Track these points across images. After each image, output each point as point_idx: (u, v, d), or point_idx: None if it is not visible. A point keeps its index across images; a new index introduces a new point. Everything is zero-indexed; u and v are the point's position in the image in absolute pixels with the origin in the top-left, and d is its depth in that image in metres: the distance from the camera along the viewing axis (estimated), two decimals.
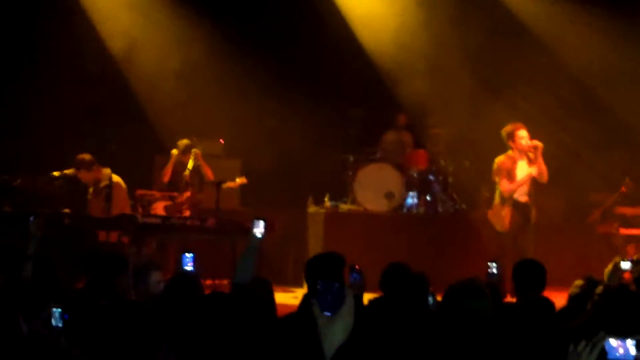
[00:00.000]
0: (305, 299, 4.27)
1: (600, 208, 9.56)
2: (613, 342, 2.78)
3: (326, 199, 9.53)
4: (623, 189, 9.58)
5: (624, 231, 9.34)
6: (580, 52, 9.76)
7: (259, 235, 4.68)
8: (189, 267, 4.74)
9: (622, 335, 2.82)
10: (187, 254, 4.75)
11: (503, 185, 8.09)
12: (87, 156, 8.31)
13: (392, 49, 10.28)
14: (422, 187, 9.55)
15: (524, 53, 10.00)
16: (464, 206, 9.48)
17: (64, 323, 3.41)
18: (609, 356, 2.80)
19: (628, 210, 9.54)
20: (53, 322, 3.42)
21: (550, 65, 9.99)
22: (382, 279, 4.97)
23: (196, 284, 4.41)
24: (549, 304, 4.68)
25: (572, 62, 9.88)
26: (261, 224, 4.78)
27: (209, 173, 8.85)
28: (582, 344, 2.94)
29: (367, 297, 4.61)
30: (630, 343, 2.77)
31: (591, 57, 9.70)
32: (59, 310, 3.42)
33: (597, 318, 3.99)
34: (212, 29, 10.34)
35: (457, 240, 8.96)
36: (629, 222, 9.46)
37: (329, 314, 2.58)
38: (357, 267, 4.77)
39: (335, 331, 2.58)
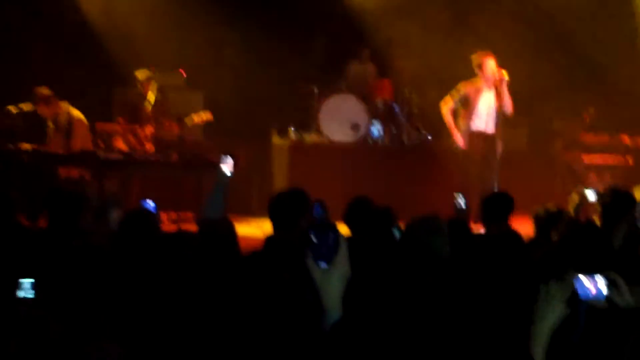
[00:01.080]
0: (270, 240, 4.20)
1: (562, 136, 9.61)
2: (584, 279, 2.74)
3: (290, 130, 9.44)
4: (585, 116, 9.64)
5: (586, 159, 9.42)
6: None
7: (228, 172, 4.63)
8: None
9: (588, 272, 2.80)
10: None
11: (445, 105, 8.13)
12: (45, 90, 8.07)
13: None
14: (386, 118, 9.51)
15: None
16: (429, 136, 9.45)
17: (35, 294, 3.16)
18: (580, 295, 2.77)
19: (590, 138, 9.60)
20: (21, 293, 3.10)
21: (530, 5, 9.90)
22: (346, 214, 4.94)
23: (152, 219, 4.35)
24: (517, 236, 4.70)
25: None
26: (229, 160, 4.72)
27: None
28: (553, 282, 2.93)
29: None
30: (601, 280, 2.73)
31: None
32: (31, 281, 3.13)
33: (563, 251, 4.02)
34: None
35: (423, 171, 8.94)
36: (591, 150, 9.53)
37: (324, 265, 2.51)
38: (320, 201, 4.75)
39: (333, 282, 2.51)
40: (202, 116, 8.68)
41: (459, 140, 8.15)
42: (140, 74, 8.79)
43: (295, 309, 3.19)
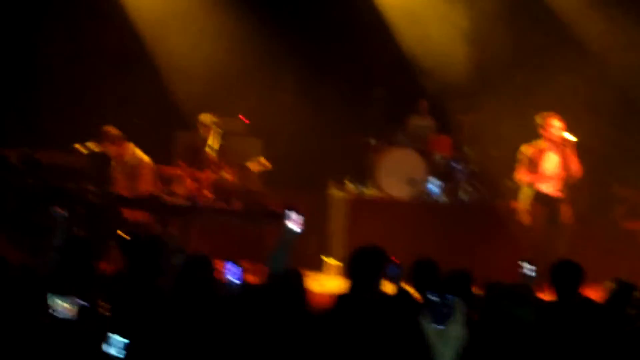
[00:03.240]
0: (345, 297, 4.18)
1: (625, 203, 9.44)
2: None
3: (347, 182, 9.41)
4: None
5: None
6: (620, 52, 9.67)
7: (297, 229, 4.62)
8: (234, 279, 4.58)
9: None
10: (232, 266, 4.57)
11: (519, 174, 8.03)
12: (113, 129, 8.18)
13: (418, 31, 10.16)
14: (445, 175, 9.43)
15: (562, 47, 9.89)
16: (486, 196, 9.35)
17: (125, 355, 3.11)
18: None
19: None
20: (111, 350, 3.07)
21: (590, 62, 9.84)
22: (414, 274, 4.89)
23: (209, 268, 4.34)
24: (592, 303, 4.62)
25: (612, 62, 9.76)
26: (295, 215, 4.70)
27: None
28: None
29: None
30: None
31: (630, 57, 9.59)
32: (125, 341, 3.12)
33: None
34: (233, 4, 10.22)
35: (483, 231, 8.83)
36: None
37: (440, 326, 2.55)
38: (395, 260, 4.71)
39: (449, 343, 2.54)
40: (262, 164, 8.72)
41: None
42: (204, 118, 8.88)
43: None
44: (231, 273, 4.46)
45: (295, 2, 10.60)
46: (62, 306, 3.35)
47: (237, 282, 4.44)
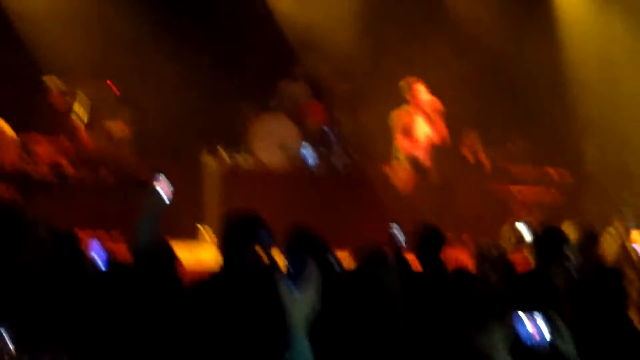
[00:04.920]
0: (227, 265, 4.08)
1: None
2: (525, 319, 2.77)
3: (220, 150, 9.31)
4: (511, 146, 9.83)
5: (514, 190, 9.55)
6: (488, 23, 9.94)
7: (164, 195, 4.48)
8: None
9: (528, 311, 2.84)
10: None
11: (401, 143, 8.16)
12: None
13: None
14: (318, 141, 9.48)
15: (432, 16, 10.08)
16: (360, 161, 9.47)
17: None
18: (523, 337, 2.81)
19: (517, 170, 9.76)
20: None
21: (461, 34, 10.08)
22: (289, 243, 4.89)
23: (77, 243, 4.22)
24: (447, 274, 4.75)
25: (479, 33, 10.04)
26: (164, 180, 4.56)
27: None
28: (494, 323, 2.96)
29: None
30: (541, 320, 2.76)
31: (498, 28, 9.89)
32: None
33: (503, 292, 4.09)
34: None
35: (356, 198, 8.94)
36: (518, 182, 9.67)
37: (296, 290, 2.60)
38: (267, 226, 4.68)
39: (302, 307, 2.59)
40: (120, 128, 8.47)
41: None
42: (64, 83, 8.56)
43: (258, 331, 3.18)
44: (97, 253, 4.32)
45: None
46: None
47: (103, 264, 4.31)
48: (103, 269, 4.22)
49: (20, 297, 3.76)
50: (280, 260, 4.03)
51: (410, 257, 5.16)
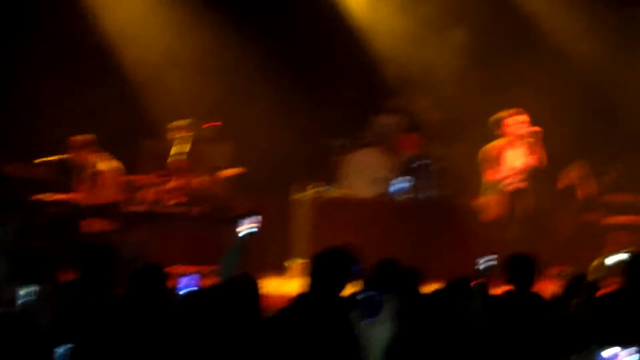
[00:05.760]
0: (304, 297, 4.17)
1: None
2: (606, 354, 2.74)
3: (311, 185, 9.39)
4: (607, 176, 9.58)
5: (609, 220, 9.29)
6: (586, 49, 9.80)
7: (250, 231, 4.63)
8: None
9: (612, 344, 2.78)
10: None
11: (492, 173, 8.11)
12: (79, 138, 8.18)
13: (385, 30, 10.23)
14: (411, 174, 9.46)
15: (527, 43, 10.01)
16: (451, 193, 9.40)
17: None
18: None
19: (613, 198, 9.50)
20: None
21: (553, 60, 9.96)
22: (373, 275, 4.92)
23: (160, 276, 4.37)
24: (539, 299, 4.69)
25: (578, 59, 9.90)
26: (252, 218, 4.71)
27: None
28: (574, 357, 2.93)
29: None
30: (627, 355, 2.72)
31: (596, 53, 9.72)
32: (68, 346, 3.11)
33: (584, 321, 4.00)
34: (200, 11, 10.24)
35: (445, 229, 8.89)
36: (613, 210, 9.42)
37: (369, 321, 2.67)
38: (358, 259, 4.73)
39: (378, 337, 2.64)
40: (234, 170, 8.74)
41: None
42: (174, 126, 8.90)
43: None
44: (184, 285, 4.47)
45: (264, 8, 10.64)
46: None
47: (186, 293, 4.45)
48: (184, 298, 4.36)
49: (106, 325, 3.93)
50: (362, 293, 4.06)
51: (503, 288, 5.11)
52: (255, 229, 4.76)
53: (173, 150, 8.75)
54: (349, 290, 4.62)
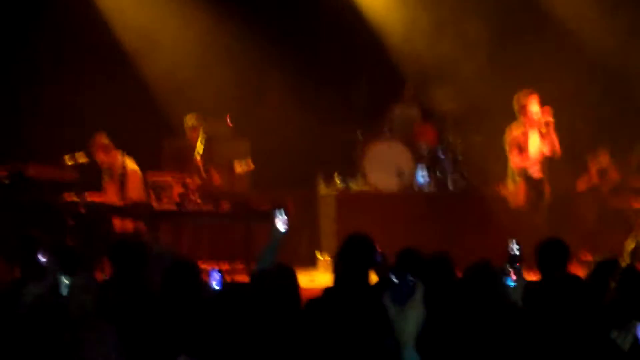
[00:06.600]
0: (335, 286, 4.23)
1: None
2: None
3: (336, 179, 9.46)
4: (633, 159, 9.53)
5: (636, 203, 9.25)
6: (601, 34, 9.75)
7: (282, 229, 4.70)
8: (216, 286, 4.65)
9: None
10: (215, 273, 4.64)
11: (513, 160, 8.09)
12: (103, 138, 8.26)
13: (397, 18, 10.23)
14: (431, 164, 9.48)
15: (542, 28, 9.96)
16: (474, 183, 9.40)
17: None
18: None
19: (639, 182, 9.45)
20: None
21: (570, 44, 9.92)
22: (396, 265, 4.96)
23: (194, 271, 4.42)
24: (578, 281, 4.69)
25: (593, 44, 9.85)
26: (283, 215, 4.77)
27: None
28: (615, 332, 2.96)
29: None
30: None
31: (611, 40, 9.67)
32: None
33: (622, 299, 4.02)
34: (213, 8, 10.29)
35: (470, 218, 8.89)
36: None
37: (401, 305, 2.71)
38: (379, 250, 4.79)
39: (409, 321, 2.68)
40: (245, 165, 8.78)
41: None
42: (190, 119, 8.97)
43: (371, 348, 3.28)
44: (214, 279, 4.53)
45: (282, 4, 10.68)
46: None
47: (218, 287, 4.51)
48: (217, 290, 4.41)
49: (144, 319, 3.99)
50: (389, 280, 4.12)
51: (533, 273, 5.13)
52: (285, 229, 4.81)
53: (192, 149, 8.80)
54: (373, 278, 4.69)
